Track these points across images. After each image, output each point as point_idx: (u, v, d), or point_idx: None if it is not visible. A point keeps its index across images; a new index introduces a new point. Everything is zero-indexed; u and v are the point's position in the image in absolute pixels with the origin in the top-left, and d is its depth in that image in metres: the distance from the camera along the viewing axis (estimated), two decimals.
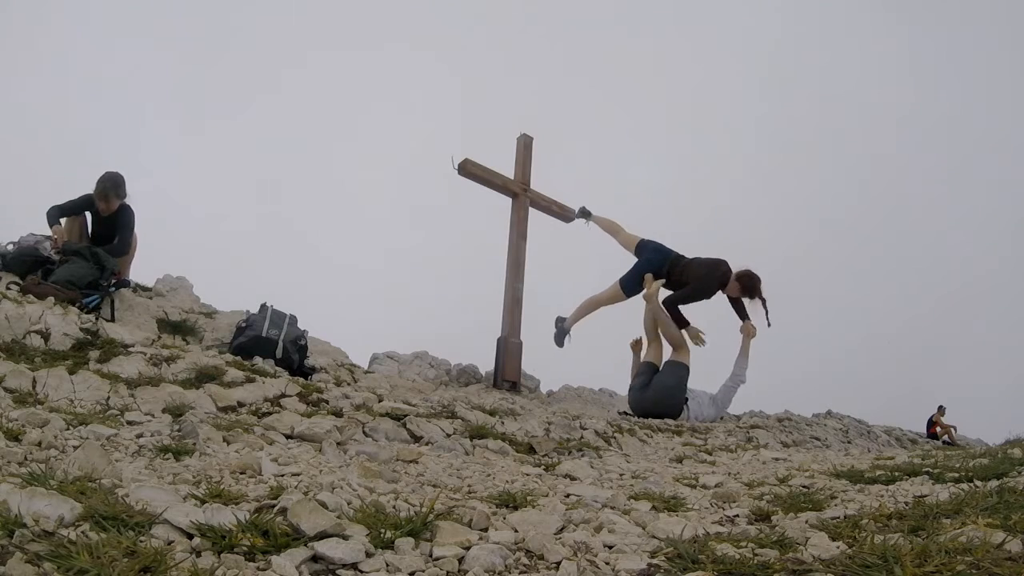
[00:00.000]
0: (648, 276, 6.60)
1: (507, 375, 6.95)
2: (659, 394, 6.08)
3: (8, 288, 4.17)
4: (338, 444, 2.57)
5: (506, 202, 7.80)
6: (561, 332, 7.23)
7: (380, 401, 3.50)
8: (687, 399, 6.09)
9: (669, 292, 6.51)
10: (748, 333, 6.54)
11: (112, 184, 5.19)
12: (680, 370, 6.23)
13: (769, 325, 6.41)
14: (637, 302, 6.84)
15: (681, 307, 6.44)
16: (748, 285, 6.35)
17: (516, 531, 1.51)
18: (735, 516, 1.86)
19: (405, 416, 3.20)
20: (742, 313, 6.59)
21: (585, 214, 7.60)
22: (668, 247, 6.74)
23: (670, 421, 5.45)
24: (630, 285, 6.79)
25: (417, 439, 3.04)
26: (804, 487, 2.32)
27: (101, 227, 5.30)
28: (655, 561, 1.32)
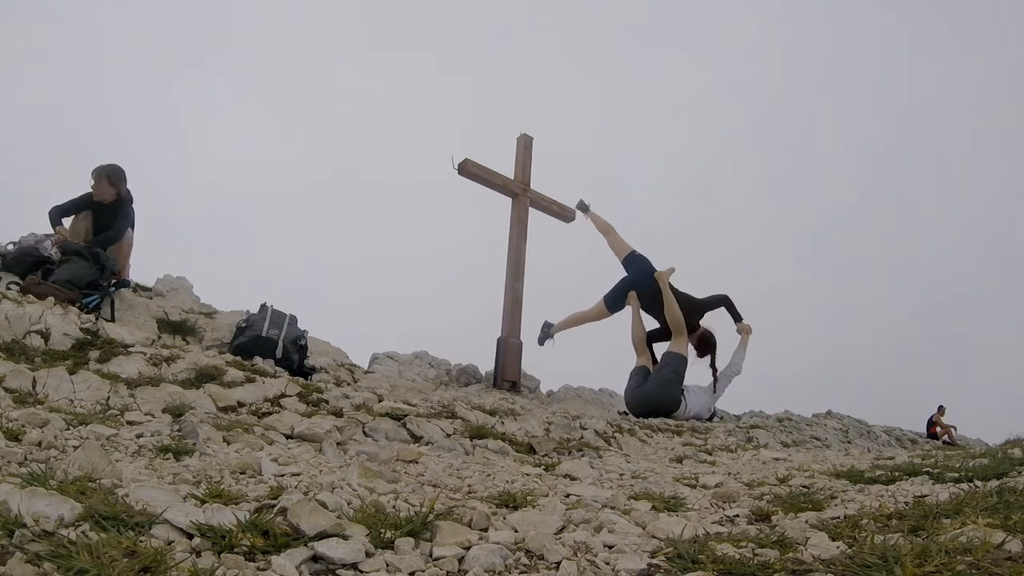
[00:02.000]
0: (632, 294, 6.84)
1: (507, 375, 6.95)
2: (656, 388, 6.15)
3: (8, 288, 4.17)
4: (338, 444, 2.57)
5: (506, 202, 7.81)
6: (545, 335, 7.45)
7: (380, 401, 3.50)
8: (683, 392, 6.15)
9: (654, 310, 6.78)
10: (746, 332, 6.73)
11: (108, 169, 5.25)
12: (677, 362, 6.30)
13: (715, 384, 6.58)
14: (622, 318, 7.02)
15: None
16: (703, 344, 6.66)
17: (516, 531, 1.51)
18: (735, 516, 1.86)
19: (405, 416, 3.20)
20: (736, 316, 6.81)
21: (583, 208, 7.68)
22: (655, 268, 6.88)
23: (670, 421, 5.46)
24: (613, 301, 7.02)
25: (417, 439, 3.04)
26: (804, 487, 2.32)
27: (103, 219, 5.33)
28: (655, 561, 1.32)
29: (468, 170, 7.44)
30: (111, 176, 5.25)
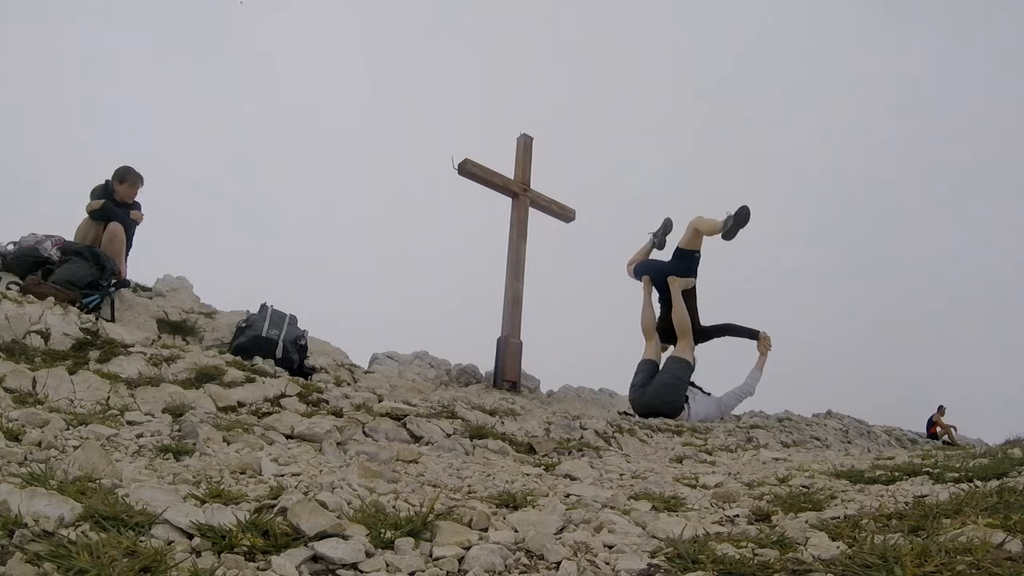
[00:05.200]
0: (646, 278, 6.86)
1: (507, 375, 6.96)
2: (658, 392, 6.12)
3: (8, 288, 4.17)
4: (338, 444, 2.57)
5: (506, 202, 7.82)
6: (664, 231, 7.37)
7: (380, 401, 3.50)
8: (687, 398, 6.11)
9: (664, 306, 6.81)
10: (765, 344, 6.59)
11: (131, 170, 5.47)
12: (680, 367, 6.25)
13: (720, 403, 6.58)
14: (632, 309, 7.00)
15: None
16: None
17: (516, 531, 1.51)
18: (735, 516, 1.86)
19: (405, 416, 3.20)
20: (747, 334, 6.69)
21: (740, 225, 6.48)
22: (695, 272, 6.77)
23: (670, 421, 5.46)
24: (636, 270, 7.07)
25: (417, 439, 3.04)
26: (804, 487, 2.32)
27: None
28: (655, 561, 1.32)
29: (468, 170, 7.44)
30: (136, 177, 5.50)
